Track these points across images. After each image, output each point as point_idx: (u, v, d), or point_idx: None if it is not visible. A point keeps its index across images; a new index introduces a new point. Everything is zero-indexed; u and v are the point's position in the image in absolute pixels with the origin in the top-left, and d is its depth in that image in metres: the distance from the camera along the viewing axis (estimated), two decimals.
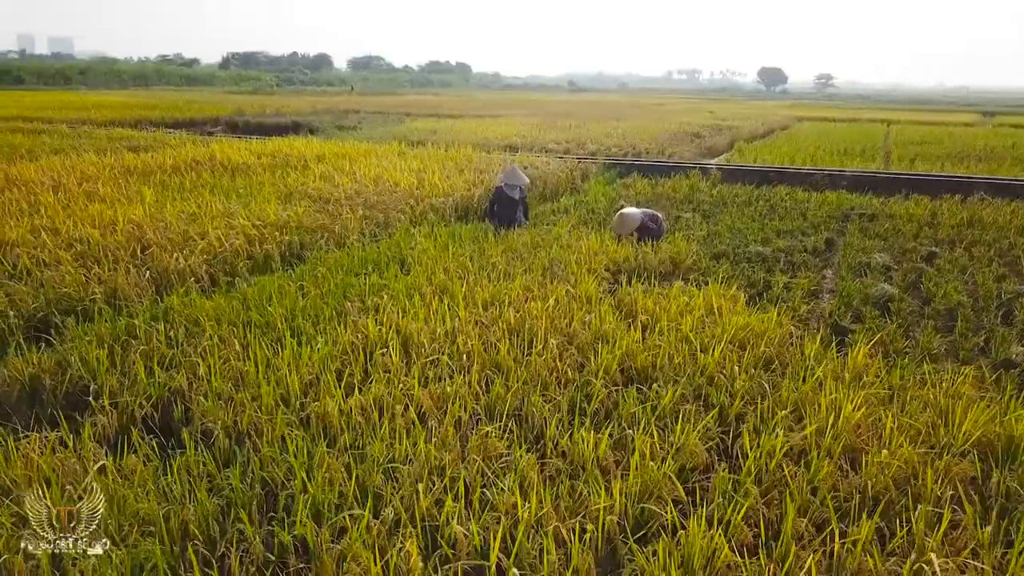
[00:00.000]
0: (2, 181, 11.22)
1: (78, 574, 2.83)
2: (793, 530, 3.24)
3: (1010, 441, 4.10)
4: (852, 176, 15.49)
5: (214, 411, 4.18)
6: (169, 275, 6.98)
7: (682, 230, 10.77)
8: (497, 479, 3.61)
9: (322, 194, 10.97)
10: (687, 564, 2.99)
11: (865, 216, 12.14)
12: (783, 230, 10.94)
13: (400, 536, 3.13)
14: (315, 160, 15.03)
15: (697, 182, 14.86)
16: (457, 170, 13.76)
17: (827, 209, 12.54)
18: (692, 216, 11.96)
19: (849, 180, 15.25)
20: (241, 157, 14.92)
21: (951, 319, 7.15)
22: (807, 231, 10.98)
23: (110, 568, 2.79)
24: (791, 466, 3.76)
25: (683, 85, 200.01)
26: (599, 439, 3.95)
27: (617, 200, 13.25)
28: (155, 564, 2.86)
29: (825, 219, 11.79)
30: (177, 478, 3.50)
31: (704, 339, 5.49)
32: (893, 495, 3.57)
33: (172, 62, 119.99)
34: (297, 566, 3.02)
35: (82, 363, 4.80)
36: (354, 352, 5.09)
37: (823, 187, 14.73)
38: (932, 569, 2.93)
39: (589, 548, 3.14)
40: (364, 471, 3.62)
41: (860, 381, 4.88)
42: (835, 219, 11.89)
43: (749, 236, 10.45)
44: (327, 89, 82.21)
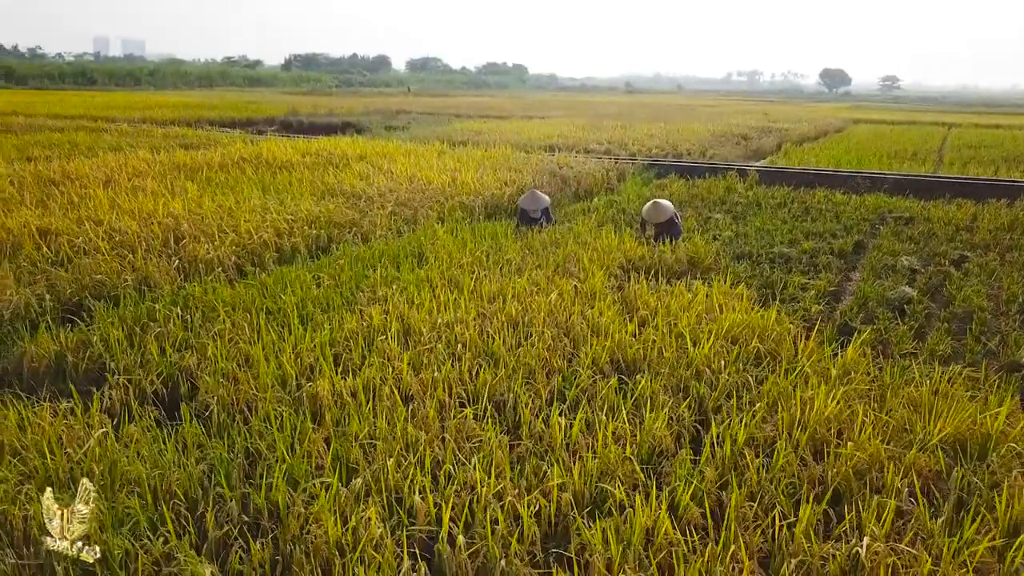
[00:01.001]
0: (59, 175, 11.86)
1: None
2: (740, 513, 3.35)
3: (985, 438, 4.11)
4: (894, 179, 15.21)
5: (215, 388, 4.47)
6: (198, 264, 7.36)
7: (710, 230, 10.81)
8: (467, 458, 3.80)
9: (356, 191, 11.31)
10: (628, 540, 3.14)
11: (901, 219, 11.95)
12: (813, 232, 10.86)
13: (364, 504, 3.34)
14: (356, 159, 15.44)
15: (733, 184, 14.79)
16: (492, 169, 13.98)
17: (862, 212, 12.38)
18: (722, 217, 11.95)
19: (891, 183, 14.97)
20: (286, 155, 15.42)
21: (966, 322, 7.07)
22: (838, 233, 10.87)
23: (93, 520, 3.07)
24: (751, 454, 3.85)
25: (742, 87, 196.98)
26: (571, 424, 4.10)
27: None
28: (135, 518, 3.14)
29: (859, 222, 11.65)
30: (170, 446, 3.79)
31: (698, 334, 5.58)
32: (853, 485, 3.65)
33: (236, 64, 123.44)
34: (269, 527, 3.26)
35: (103, 343, 5.16)
36: (355, 338, 5.34)
37: (864, 190, 14.51)
38: (864, 552, 3.01)
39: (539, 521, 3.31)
40: (342, 446, 3.85)
41: (846, 378, 4.92)
42: (869, 222, 11.74)
43: (776, 237, 10.42)
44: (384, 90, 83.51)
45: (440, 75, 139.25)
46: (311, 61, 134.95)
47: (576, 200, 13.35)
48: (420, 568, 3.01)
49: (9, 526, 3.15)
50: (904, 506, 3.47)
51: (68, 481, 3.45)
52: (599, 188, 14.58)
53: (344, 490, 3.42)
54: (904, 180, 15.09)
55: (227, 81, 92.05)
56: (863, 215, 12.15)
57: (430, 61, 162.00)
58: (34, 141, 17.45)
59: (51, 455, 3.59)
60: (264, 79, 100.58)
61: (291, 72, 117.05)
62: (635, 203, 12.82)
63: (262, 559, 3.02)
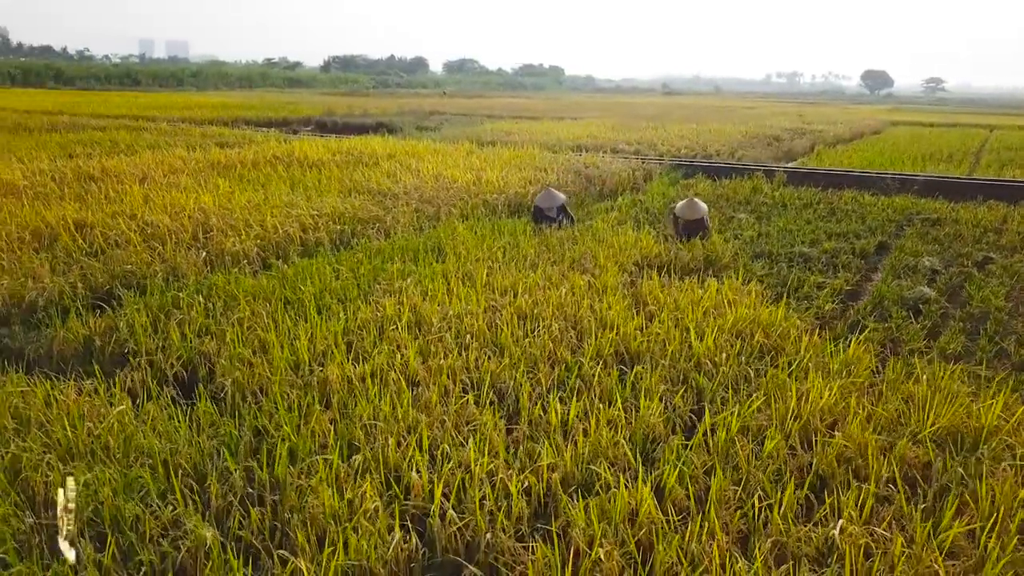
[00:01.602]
0: (99, 172, 12.29)
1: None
2: (724, 496, 3.45)
3: (978, 431, 4.15)
4: (925, 180, 15.04)
5: (230, 371, 4.68)
6: (224, 256, 7.63)
7: (732, 230, 10.84)
8: (465, 440, 3.95)
9: (382, 188, 11.54)
10: (611, 517, 3.26)
11: (928, 221, 11.84)
12: (836, 233, 10.83)
13: (362, 479, 3.51)
14: (386, 158, 15.70)
15: (760, 184, 14.75)
16: (517, 168, 14.14)
17: (889, 213, 12.29)
18: (746, 217, 11.96)
19: (921, 184, 14.81)
20: (317, 154, 15.74)
21: (982, 322, 7.04)
22: (861, 234, 10.82)
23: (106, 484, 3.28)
24: (743, 442, 3.95)
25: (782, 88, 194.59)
26: (567, 410, 4.23)
27: (674, 200, 13.37)
28: (145, 486, 3.35)
29: (884, 223, 11.58)
30: (183, 424, 4.00)
31: (703, 328, 5.66)
32: (837, 473, 3.72)
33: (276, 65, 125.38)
34: (270, 498, 3.44)
35: (128, 328, 5.42)
36: (368, 327, 5.53)
37: (893, 191, 14.38)
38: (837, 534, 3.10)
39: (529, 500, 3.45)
40: (347, 427, 4.03)
41: (846, 372, 4.97)
42: (895, 223, 11.66)
43: (798, 237, 10.42)
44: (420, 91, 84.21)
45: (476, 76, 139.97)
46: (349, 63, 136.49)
47: (600, 199, 13.44)
48: (411, 539, 3.17)
49: (31, 491, 3.38)
50: (884, 493, 3.53)
51: (88, 452, 3.67)
52: (624, 188, 14.65)
53: (343, 466, 3.59)
54: (934, 182, 14.92)
55: (267, 82, 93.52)
56: (889, 216, 12.06)
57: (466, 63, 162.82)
58: (77, 139, 18.03)
59: (72, 429, 3.82)
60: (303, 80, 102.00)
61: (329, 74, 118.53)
62: (659, 202, 12.88)
63: (261, 525, 3.20)
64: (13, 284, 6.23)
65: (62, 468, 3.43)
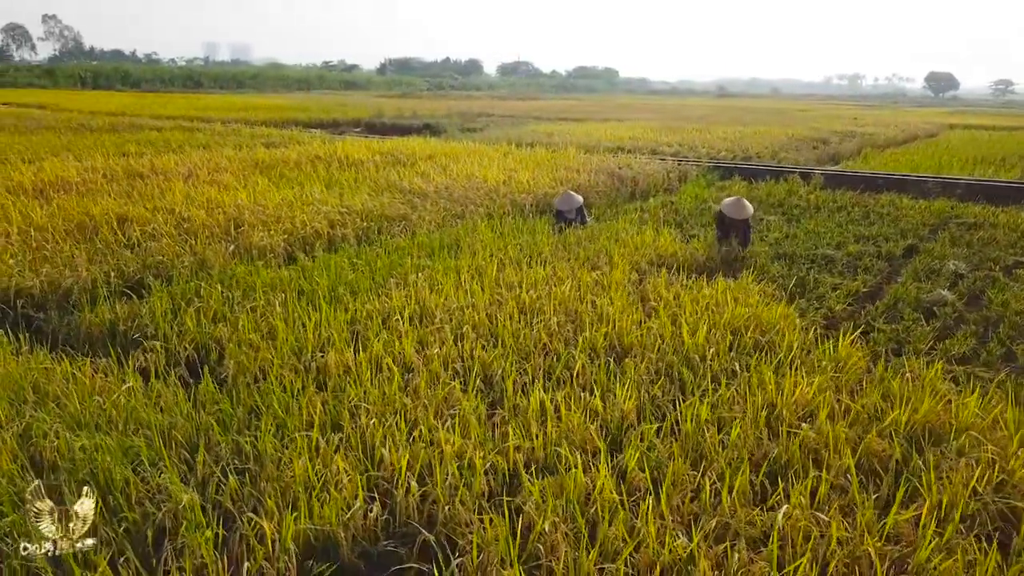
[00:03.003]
0: (147, 169, 12.89)
1: None
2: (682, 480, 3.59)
3: (951, 428, 4.20)
4: (968, 184, 14.72)
5: (237, 354, 4.99)
6: (251, 250, 7.99)
7: (759, 231, 10.85)
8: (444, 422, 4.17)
9: (413, 187, 11.85)
10: (566, 496, 3.43)
11: (964, 224, 11.63)
12: (866, 235, 10.73)
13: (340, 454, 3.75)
14: (424, 158, 16.03)
15: (796, 187, 14.64)
16: (550, 169, 14.31)
17: (925, 216, 12.10)
18: (776, 219, 11.94)
19: (964, 188, 14.51)
20: (358, 154, 16.16)
21: (996, 326, 6.96)
22: (891, 237, 10.70)
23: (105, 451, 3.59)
24: (712, 430, 4.07)
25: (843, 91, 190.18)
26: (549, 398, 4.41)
27: (707, 201, 13.41)
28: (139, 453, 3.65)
29: (917, 226, 11.42)
30: (182, 399, 4.31)
31: (699, 324, 5.77)
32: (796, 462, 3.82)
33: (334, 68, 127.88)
34: (254, 469, 3.70)
35: (150, 314, 5.78)
36: (374, 318, 5.79)
37: (933, 195, 14.11)
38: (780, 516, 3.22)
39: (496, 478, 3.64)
40: (336, 408, 4.28)
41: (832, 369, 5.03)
42: (929, 227, 11.48)
43: (824, 240, 10.37)
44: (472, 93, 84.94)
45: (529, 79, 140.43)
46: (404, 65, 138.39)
47: (631, 200, 13.54)
48: (375, 507, 3.39)
49: (39, 456, 3.71)
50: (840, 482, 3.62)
51: (93, 424, 3.99)
52: (658, 189, 14.70)
53: (323, 441, 3.84)
54: (979, 186, 14.60)
55: (324, 85, 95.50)
56: (924, 220, 11.88)
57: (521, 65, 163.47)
58: (133, 139, 18.84)
59: (82, 402, 4.16)
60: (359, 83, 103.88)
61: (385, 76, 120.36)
62: (690, 204, 12.93)
63: (240, 492, 3.46)
64: (51, 272, 6.68)
65: (68, 437, 3.74)
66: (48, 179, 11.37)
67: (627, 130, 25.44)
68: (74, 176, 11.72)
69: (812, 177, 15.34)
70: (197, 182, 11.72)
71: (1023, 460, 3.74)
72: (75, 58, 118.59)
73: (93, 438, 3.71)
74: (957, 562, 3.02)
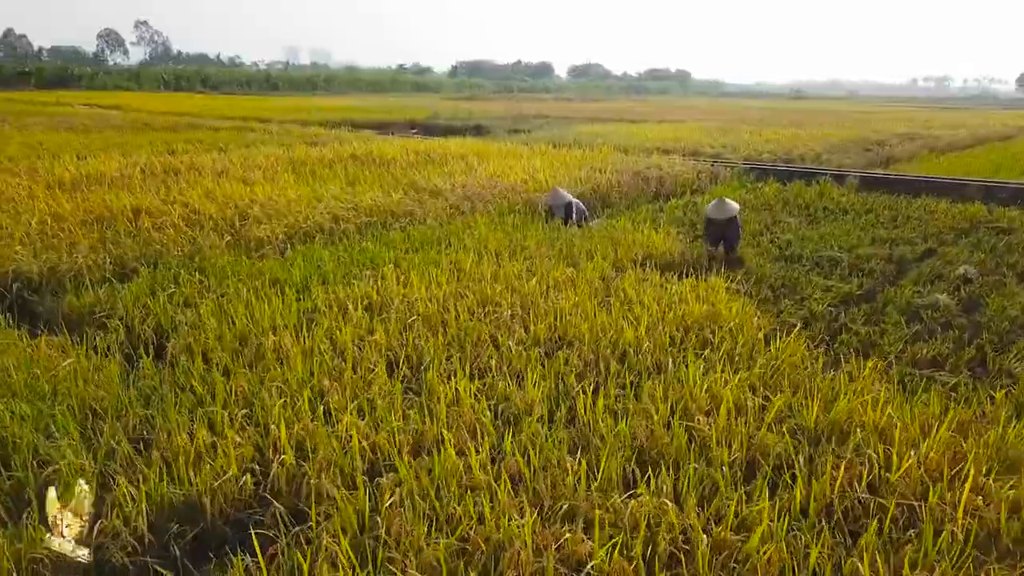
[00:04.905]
0: (186, 166, 13.50)
1: None
2: (554, 466, 3.66)
3: (855, 426, 4.13)
4: (1015, 188, 14.07)
5: (185, 336, 5.27)
6: (250, 241, 8.33)
7: (772, 233, 10.71)
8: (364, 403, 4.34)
9: (430, 185, 12.07)
10: (434, 475, 3.55)
11: (996, 229, 11.14)
12: (884, 239, 10.42)
13: (235, 429, 3.96)
14: (457, 157, 16.25)
15: (828, 189, 14.28)
16: (576, 168, 14.35)
17: (955, 220, 11.65)
18: (794, 221, 11.72)
19: (1010, 193, 13.88)
20: (392, 153, 16.51)
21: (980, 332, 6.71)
22: (912, 240, 10.37)
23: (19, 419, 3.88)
24: (609, 420, 4.12)
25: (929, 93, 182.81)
26: (462, 387, 4.52)
27: None
28: (65, 424, 3.93)
29: (944, 230, 11.02)
30: (114, 374, 4.60)
31: (651, 321, 5.77)
32: (681, 455, 3.83)
33: (408, 71, 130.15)
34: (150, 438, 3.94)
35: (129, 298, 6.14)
36: (332, 306, 6.01)
37: (975, 199, 13.54)
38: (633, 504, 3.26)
39: (378, 457, 3.79)
40: (258, 387, 4.50)
41: (770, 367, 4.99)
42: (956, 231, 11.05)
43: (837, 242, 10.12)
44: (539, 96, 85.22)
45: (599, 80, 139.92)
46: (476, 68, 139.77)
47: (653, 200, 13.47)
48: (246, 478, 3.58)
49: None
50: (712, 472, 3.62)
51: (24, 393, 4.31)
52: (686, 189, 14.57)
53: (225, 416, 4.05)
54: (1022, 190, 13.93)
55: (395, 87, 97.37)
56: (953, 224, 11.44)
57: (592, 67, 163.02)
58: (187, 138, 19.71)
59: (21, 374, 4.49)
60: (430, 85, 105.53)
61: (456, 78, 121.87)
62: None
63: (131, 460, 3.70)
64: (52, 258, 7.13)
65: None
66: (89, 174, 12.04)
67: (676, 131, 25.19)
68: (113, 171, 12.38)
69: (846, 180, 14.92)
70: (228, 178, 12.20)
71: (907, 462, 3.65)
72: (163, 62, 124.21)
73: (13, 406, 4.01)
74: (783, 550, 3.01)
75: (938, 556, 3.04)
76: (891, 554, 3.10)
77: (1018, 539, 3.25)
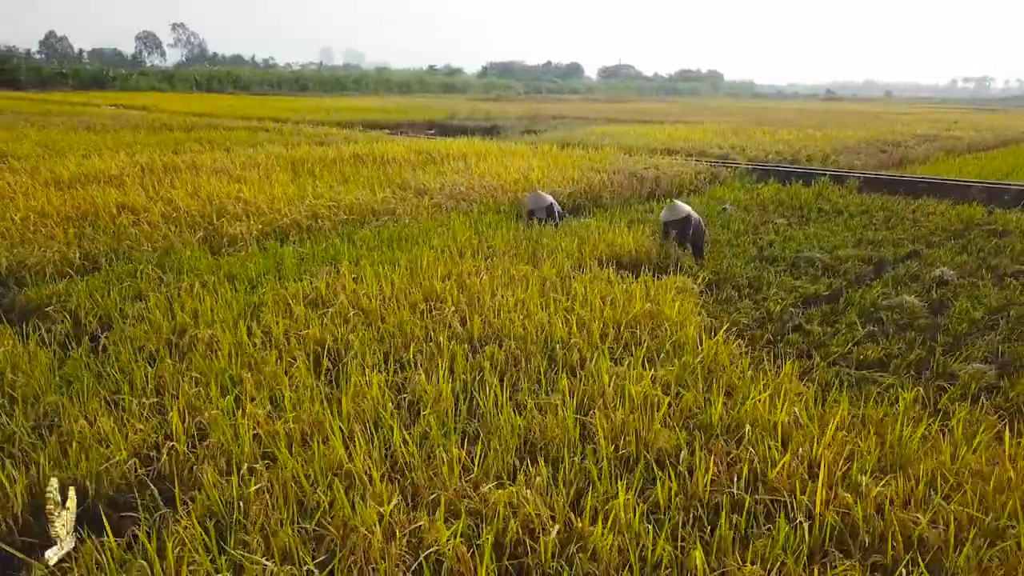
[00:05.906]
0: (185, 165, 13.78)
1: None
2: (438, 455, 3.73)
3: (756, 423, 4.13)
4: (1017, 190, 13.79)
5: (122, 328, 5.42)
6: (222, 238, 8.50)
7: (756, 233, 10.64)
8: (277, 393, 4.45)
9: (418, 184, 12.19)
10: (313, 464, 3.63)
11: (990, 231, 10.94)
12: (870, 240, 10.30)
13: (139, 417, 4.08)
14: (458, 157, 16.36)
15: (827, 189, 14.13)
16: (572, 168, 14.36)
17: (950, 222, 11.46)
18: (783, 221, 11.62)
19: (1013, 195, 13.61)
20: (395, 153, 16.67)
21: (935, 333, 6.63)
22: (900, 242, 10.23)
23: None
24: (508, 413, 4.17)
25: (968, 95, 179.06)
26: (382, 379, 4.61)
27: (725, 201, 13.19)
28: None
29: (935, 232, 10.86)
30: (45, 364, 4.76)
31: (585, 317, 5.80)
32: (574, 446, 3.87)
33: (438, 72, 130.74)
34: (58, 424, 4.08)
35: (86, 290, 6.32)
36: (278, 301, 6.12)
37: (976, 201, 13.31)
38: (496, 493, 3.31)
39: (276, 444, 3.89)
40: (178, 377, 4.63)
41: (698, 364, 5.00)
42: (948, 232, 10.88)
43: (820, 243, 10.02)
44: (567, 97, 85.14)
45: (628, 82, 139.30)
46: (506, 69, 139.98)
47: (647, 200, 13.43)
48: (133, 462, 3.70)
49: None
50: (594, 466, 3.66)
51: None
52: (682, 190, 14.51)
53: (135, 404, 4.18)
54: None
55: (424, 88, 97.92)
56: (946, 226, 11.25)
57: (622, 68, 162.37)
58: (197, 138, 20.07)
59: None
60: (458, 86, 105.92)
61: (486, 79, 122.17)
62: (711, 204, 12.75)
63: (39, 443, 3.85)
64: (23, 252, 7.36)
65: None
66: (89, 172, 12.34)
67: (689, 132, 25.03)
68: (114, 170, 12.67)
69: (847, 180, 14.75)
70: (224, 177, 12.41)
71: (783, 459, 3.65)
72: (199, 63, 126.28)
73: None
74: (623, 537, 3.05)
75: (784, 552, 3.05)
76: (741, 549, 3.11)
77: (883, 536, 3.23)
